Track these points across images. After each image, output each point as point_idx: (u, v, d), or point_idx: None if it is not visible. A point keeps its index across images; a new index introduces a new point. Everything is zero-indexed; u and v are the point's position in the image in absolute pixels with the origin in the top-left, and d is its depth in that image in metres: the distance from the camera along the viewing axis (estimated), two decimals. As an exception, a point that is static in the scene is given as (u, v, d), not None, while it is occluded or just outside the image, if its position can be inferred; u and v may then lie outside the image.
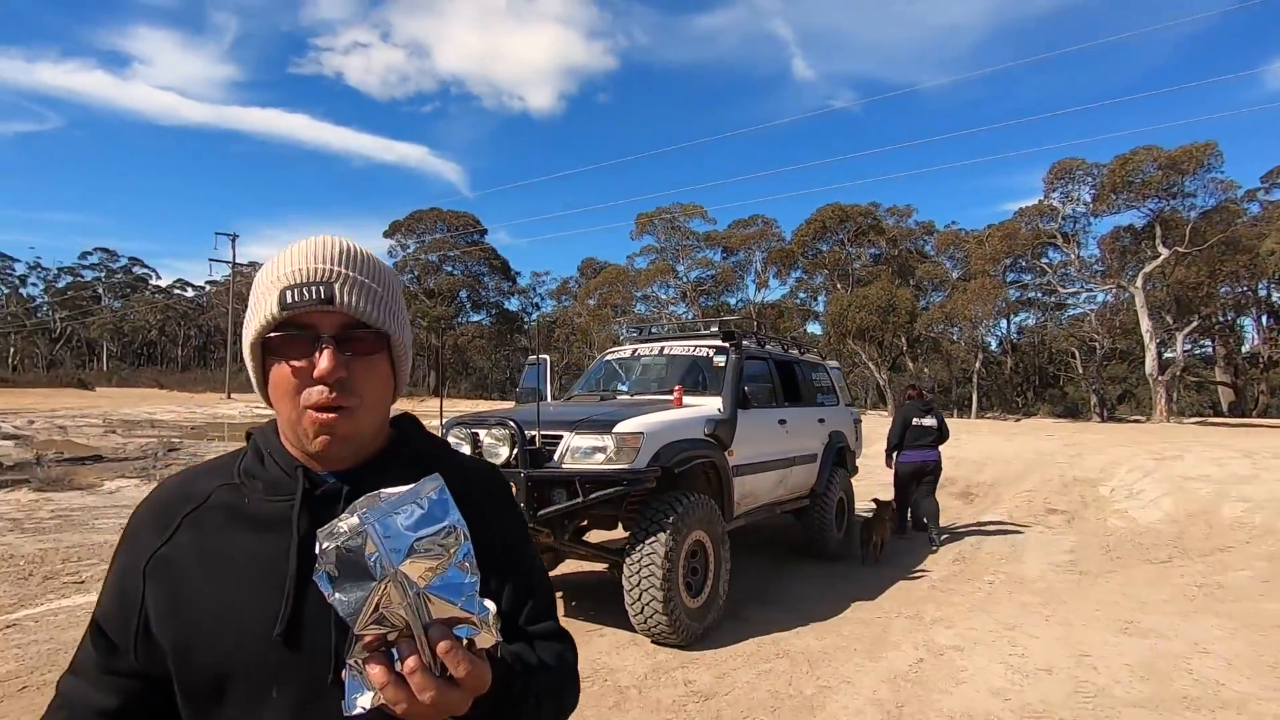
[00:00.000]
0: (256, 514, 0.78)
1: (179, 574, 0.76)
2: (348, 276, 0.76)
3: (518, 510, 0.93)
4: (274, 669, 0.72)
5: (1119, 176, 26.46)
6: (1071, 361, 37.97)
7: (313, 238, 0.80)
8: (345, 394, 0.74)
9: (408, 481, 0.83)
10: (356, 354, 0.76)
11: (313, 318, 0.74)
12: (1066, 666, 3.63)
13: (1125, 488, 11.02)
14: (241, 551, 0.76)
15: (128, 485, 11.19)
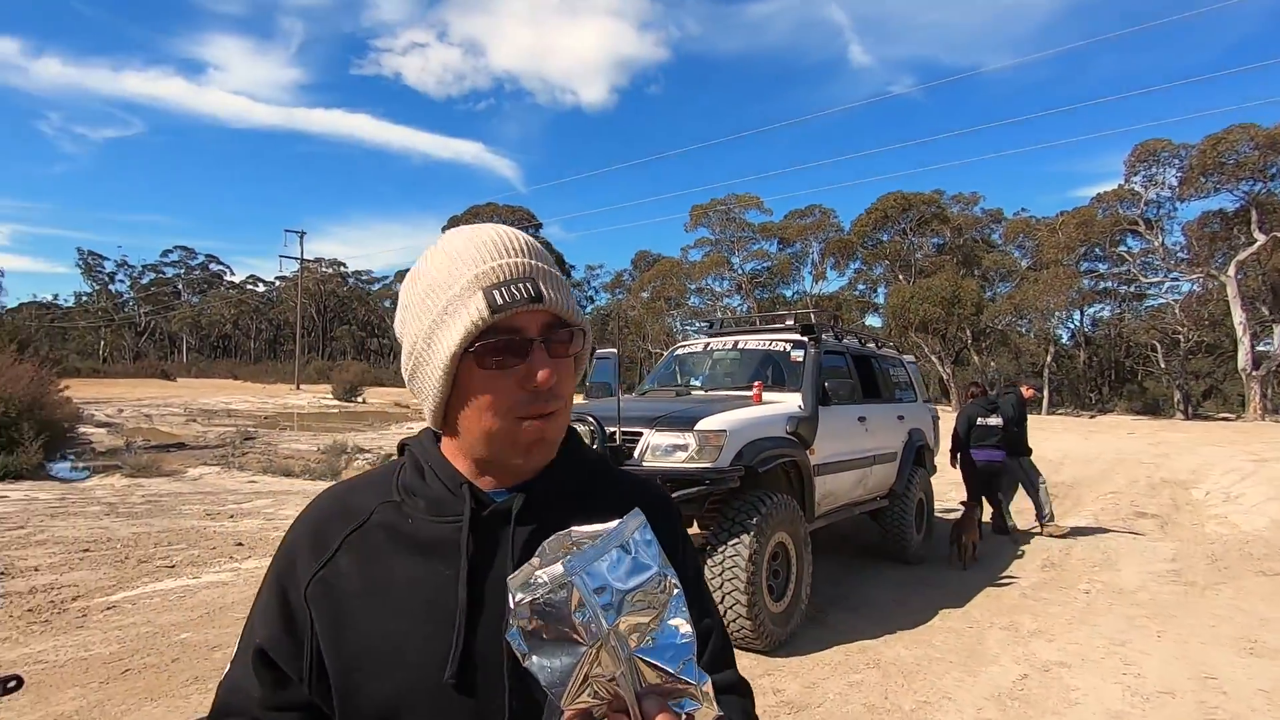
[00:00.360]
0: (420, 536, 0.71)
1: (340, 601, 0.69)
2: (544, 270, 0.69)
3: (690, 540, 0.82)
4: (443, 713, 0.65)
5: (1210, 158, 24.76)
6: (1152, 355, 35.85)
7: (486, 228, 0.72)
8: (555, 399, 0.69)
9: (575, 496, 0.75)
10: (558, 354, 0.69)
11: (520, 319, 0.67)
12: (1190, 689, 3.34)
13: (1221, 491, 10.30)
14: (406, 578, 0.69)
15: (210, 472, 11.72)
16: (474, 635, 0.66)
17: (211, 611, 4.60)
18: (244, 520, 7.77)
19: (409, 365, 0.71)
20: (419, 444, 0.77)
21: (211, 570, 5.72)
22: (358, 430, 20.11)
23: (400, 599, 0.68)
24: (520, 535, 0.70)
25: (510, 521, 0.70)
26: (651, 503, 0.80)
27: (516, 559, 0.67)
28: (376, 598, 0.68)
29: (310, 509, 0.77)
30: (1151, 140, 27.30)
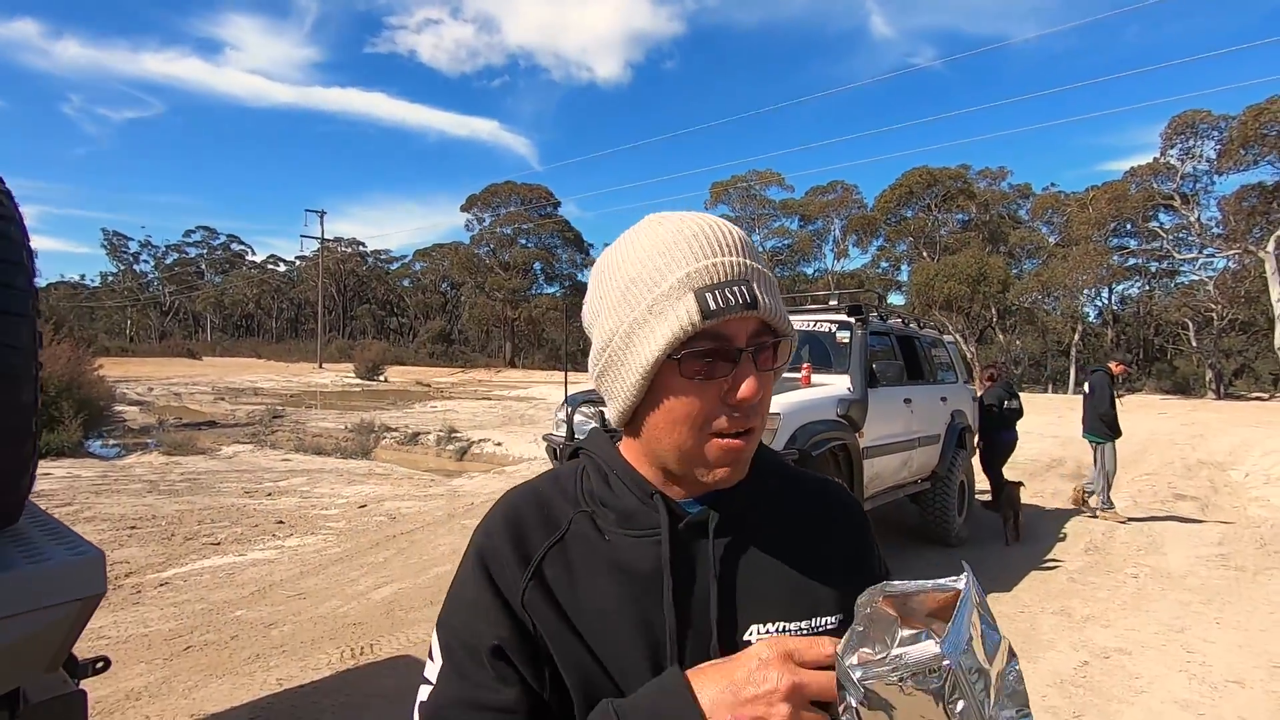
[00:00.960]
0: (618, 553, 0.66)
1: (557, 618, 0.64)
2: (759, 271, 0.63)
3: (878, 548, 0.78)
4: None
5: (1251, 129, 23.91)
6: (1183, 334, 35.11)
7: (694, 218, 0.64)
8: (755, 415, 0.64)
9: (769, 505, 0.71)
10: (764, 366, 0.63)
11: (730, 326, 0.61)
12: (1260, 679, 3.27)
13: (1262, 472, 10.10)
14: (613, 599, 0.64)
15: (243, 450, 11.90)
16: (684, 662, 0.61)
17: (262, 589, 4.68)
18: (281, 498, 7.89)
19: (600, 361, 0.66)
20: (599, 447, 0.73)
21: (256, 548, 5.81)
22: (381, 409, 20.31)
23: (610, 622, 0.64)
24: (718, 549, 0.66)
25: (708, 535, 0.66)
26: (844, 506, 0.77)
27: (718, 575, 0.65)
28: (588, 619, 0.64)
29: (507, 512, 0.69)
30: (1190, 111, 26.41)
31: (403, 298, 68.99)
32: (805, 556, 0.70)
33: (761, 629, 0.65)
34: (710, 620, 0.64)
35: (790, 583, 0.68)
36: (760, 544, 0.69)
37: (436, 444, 13.20)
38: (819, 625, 0.67)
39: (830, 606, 0.68)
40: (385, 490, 8.47)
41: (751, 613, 0.66)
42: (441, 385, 34.10)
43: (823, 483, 0.79)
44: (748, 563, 0.67)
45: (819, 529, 0.73)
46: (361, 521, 6.80)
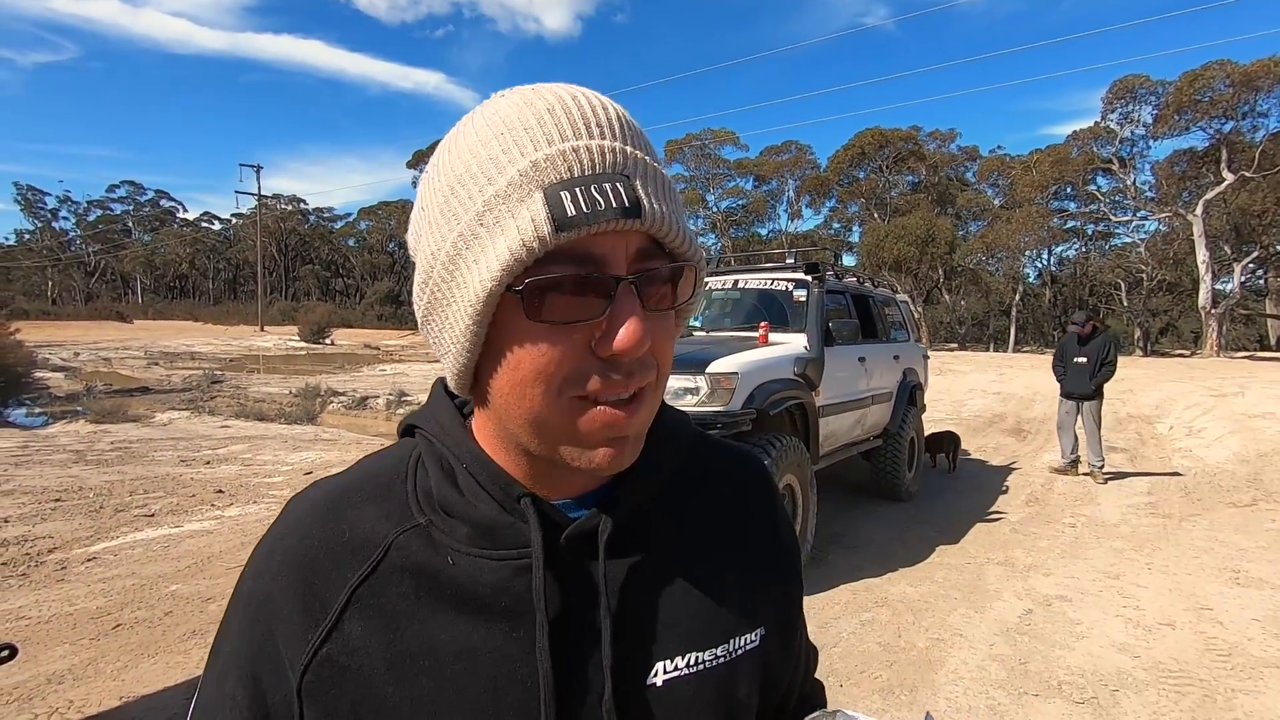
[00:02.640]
0: (467, 585, 0.46)
1: (357, 695, 0.44)
2: (644, 163, 0.43)
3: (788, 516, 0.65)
4: None
5: (1186, 95, 24.70)
6: (1115, 294, 36.70)
7: (553, 88, 0.44)
8: (644, 373, 0.44)
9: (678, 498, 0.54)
10: (657, 303, 0.44)
11: (601, 242, 0.41)
12: (1189, 621, 3.44)
13: (1184, 425, 10.67)
14: (455, 650, 0.45)
15: (179, 417, 11.37)
16: (565, 709, 0.45)
17: (199, 562, 4.46)
18: (221, 466, 7.56)
19: (422, 300, 0.45)
20: (439, 427, 0.51)
21: (194, 519, 5.55)
22: (328, 373, 19.69)
23: (451, 682, 0.45)
24: (613, 571, 0.48)
25: (598, 553, 0.48)
26: (759, 484, 0.61)
27: (612, 606, 0.47)
28: (413, 683, 0.45)
29: (286, 536, 0.49)
30: (1130, 76, 27.09)
31: (348, 258, 66.60)
32: (721, 563, 0.54)
33: (669, 665, 0.49)
34: (603, 668, 0.46)
35: (704, 602, 0.51)
36: (667, 555, 0.51)
37: (387, 408, 12.86)
38: (736, 648, 0.52)
39: (748, 623, 0.53)
40: (333, 456, 8.20)
41: (658, 648, 0.49)
42: (391, 348, 33.27)
43: (735, 456, 0.62)
44: (650, 583, 0.50)
45: (735, 522, 0.56)
46: (307, 489, 6.57)
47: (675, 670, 0.49)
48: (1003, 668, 2.95)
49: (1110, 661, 3.03)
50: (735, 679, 0.52)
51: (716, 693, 0.50)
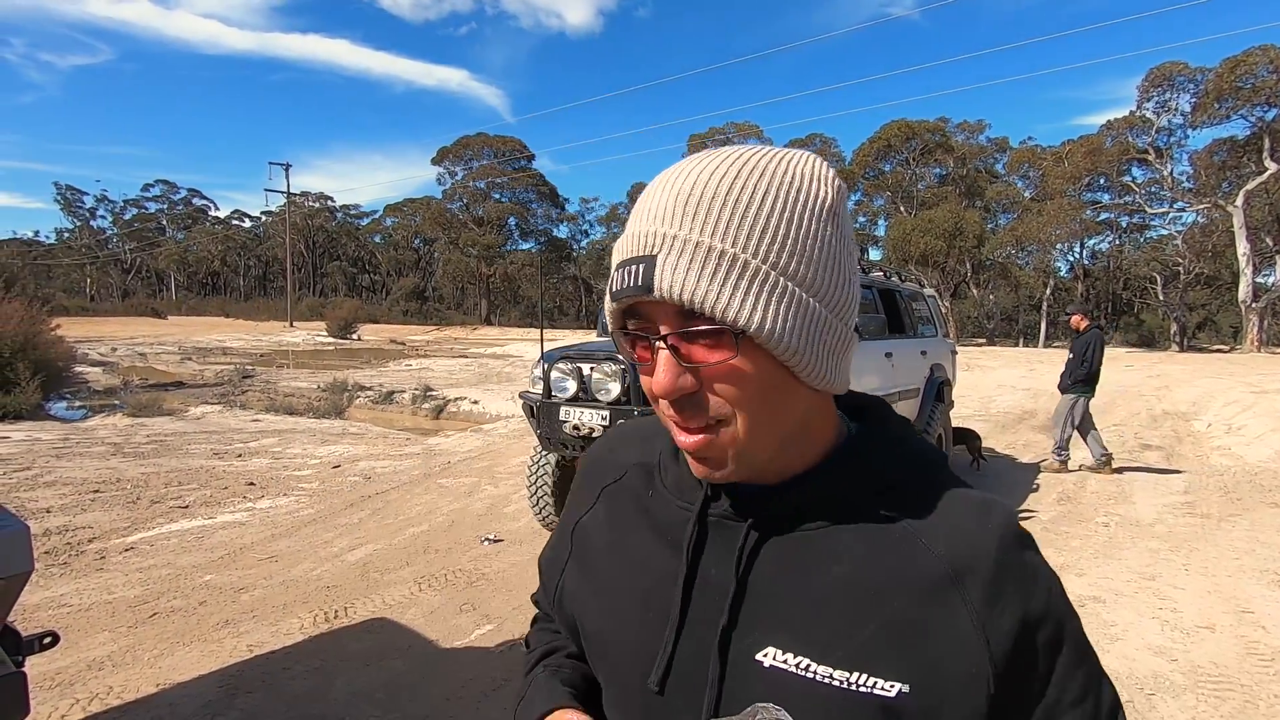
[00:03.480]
0: (658, 514, 0.63)
1: (588, 552, 0.69)
2: (678, 239, 0.49)
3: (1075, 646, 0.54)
4: (646, 712, 0.59)
5: (1226, 81, 23.93)
6: (1150, 287, 35.76)
7: (672, 169, 0.54)
8: (696, 411, 0.52)
9: (842, 515, 0.56)
10: (703, 357, 0.51)
11: (651, 308, 0.52)
12: (1229, 624, 3.34)
13: (1223, 423, 10.37)
14: (640, 554, 0.63)
15: (212, 411, 11.62)
16: (682, 641, 0.57)
17: (232, 553, 4.56)
18: (252, 459, 7.71)
19: None
20: None
21: (226, 510, 5.67)
22: (355, 368, 19.98)
23: (629, 575, 0.63)
24: (751, 542, 0.57)
25: (743, 536, 0.57)
26: (983, 568, 0.53)
27: (739, 573, 0.56)
28: (614, 564, 0.65)
29: (599, 443, 0.77)
30: (1167, 63, 26.33)
31: (374, 254, 67.43)
32: (861, 601, 0.53)
33: (779, 654, 0.53)
34: (723, 613, 0.55)
35: (834, 620, 0.53)
36: (807, 559, 0.55)
37: (412, 402, 13.02)
38: (864, 684, 0.51)
39: (889, 673, 0.51)
40: (360, 450, 8.32)
41: (774, 634, 0.54)
42: (416, 343, 33.66)
43: (967, 515, 0.55)
44: (783, 572, 0.56)
45: (895, 574, 0.54)
46: (335, 482, 6.67)
47: (783, 662, 0.53)
48: (1034, 669, 2.90)
49: (1146, 664, 2.96)
50: (856, 713, 0.51)
51: (824, 707, 0.51)
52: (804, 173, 0.53)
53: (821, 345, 0.52)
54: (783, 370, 0.52)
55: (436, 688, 2.79)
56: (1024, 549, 0.54)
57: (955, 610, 0.52)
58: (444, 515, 5.44)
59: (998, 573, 0.52)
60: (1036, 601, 0.52)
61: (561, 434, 3.74)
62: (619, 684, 0.62)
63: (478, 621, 3.43)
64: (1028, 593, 0.52)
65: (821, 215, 0.52)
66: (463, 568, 4.21)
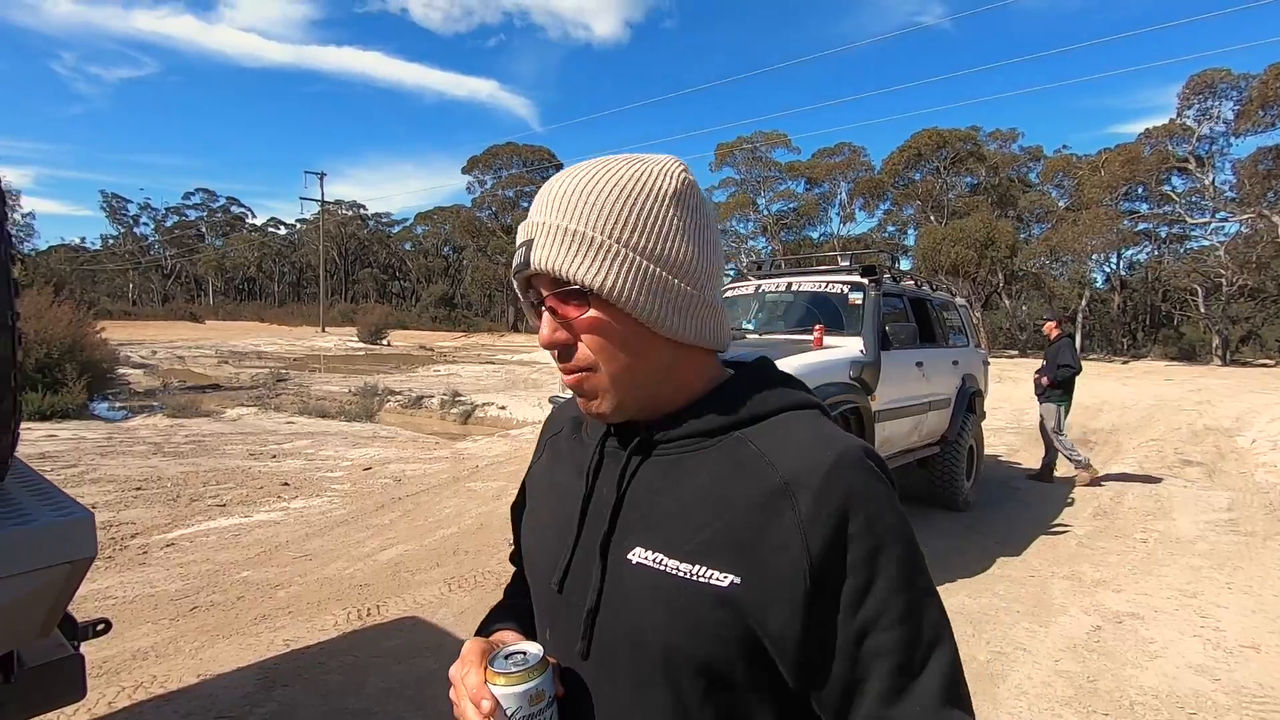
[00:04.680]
0: (577, 453, 0.77)
1: (532, 493, 0.84)
2: (547, 226, 0.65)
3: (889, 550, 0.60)
4: (551, 609, 0.73)
5: (1271, 88, 23.30)
6: (1190, 300, 34.71)
7: (563, 172, 0.69)
8: (571, 359, 0.67)
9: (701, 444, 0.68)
10: (569, 314, 0.66)
11: (535, 281, 0.68)
12: (1276, 644, 3.24)
13: (1268, 439, 10.03)
14: (561, 486, 0.77)
15: (247, 413, 11.89)
16: (578, 548, 0.70)
17: (268, 550, 4.67)
18: (287, 461, 7.88)
19: None
20: None
21: (262, 510, 5.80)
22: (385, 373, 20.29)
23: (554, 503, 0.77)
24: (632, 466, 0.70)
25: (625, 459, 0.70)
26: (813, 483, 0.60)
27: (622, 492, 0.69)
28: (547, 498, 0.79)
29: (552, 410, 0.92)
30: (1209, 70, 25.72)
31: (404, 261, 68.51)
32: (711, 505, 0.63)
33: (644, 553, 0.65)
34: (605, 520, 0.68)
35: (686, 523, 0.64)
36: (675, 476, 0.67)
37: (440, 407, 13.18)
38: (702, 574, 0.61)
39: (723, 564, 0.61)
40: (390, 453, 8.46)
41: (641, 536, 0.66)
42: (444, 349, 34.06)
43: (777, 451, 0.64)
44: (654, 488, 0.67)
45: (740, 485, 0.63)
46: (366, 484, 6.79)
47: (644, 558, 0.64)
48: (1070, 685, 2.83)
49: (1187, 683, 2.88)
50: (697, 601, 0.61)
51: (672, 596, 0.62)
52: (650, 170, 0.66)
53: (665, 302, 0.65)
54: (638, 325, 0.65)
55: (467, 686, 2.83)
56: (860, 473, 0.61)
57: (784, 516, 0.60)
58: (473, 518, 5.50)
59: (825, 488, 0.60)
60: (860, 518, 0.59)
61: (591, 438, 3.78)
62: (538, 590, 0.76)
63: (506, 623, 3.47)
64: (852, 508, 0.59)
65: (663, 200, 0.65)
66: (491, 570, 4.26)
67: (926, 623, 0.60)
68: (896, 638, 0.59)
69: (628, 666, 0.65)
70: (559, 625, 0.71)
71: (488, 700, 0.62)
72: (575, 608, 0.68)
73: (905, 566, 0.60)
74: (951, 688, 0.60)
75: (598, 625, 0.67)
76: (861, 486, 0.60)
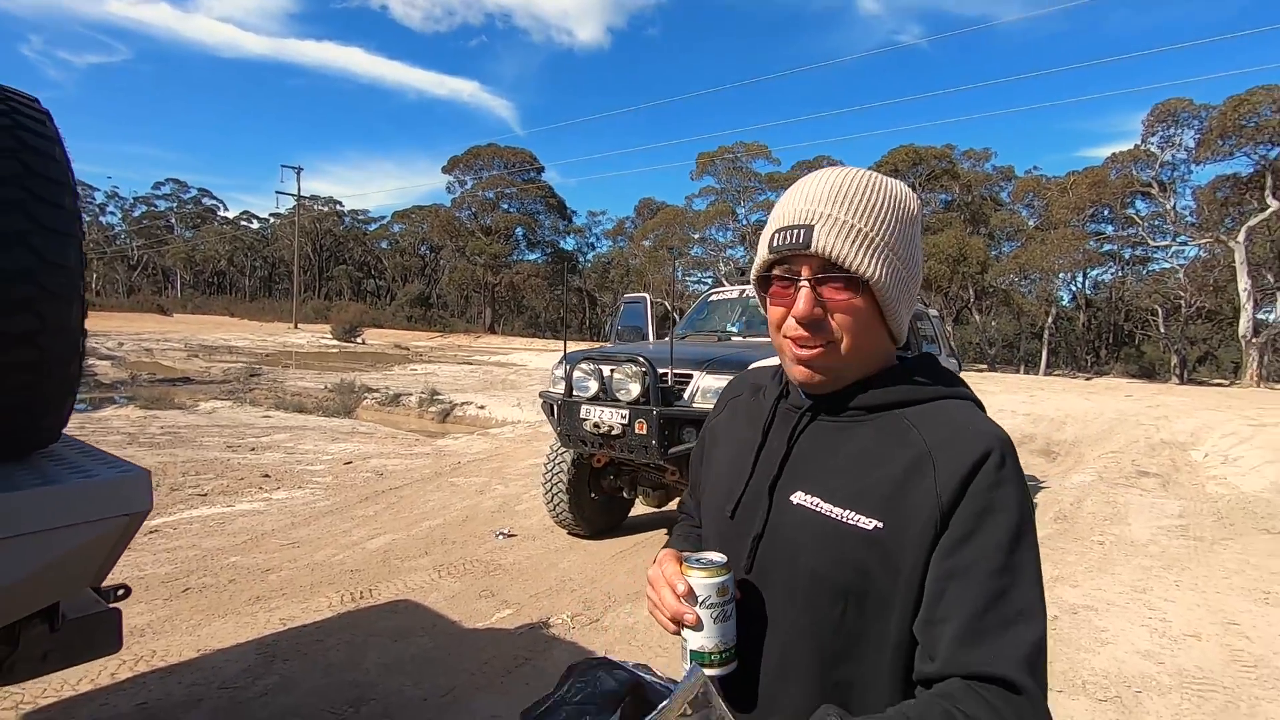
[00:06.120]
0: (755, 412, 0.94)
1: (714, 441, 1.00)
2: (829, 217, 0.77)
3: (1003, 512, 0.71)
4: (722, 534, 0.88)
5: (1230, 119, 24.28)
6: (1151, 320, 35.94)
7: (813, 174, 0.81)
8: (818, 333, 0.79)
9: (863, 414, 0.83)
10: (833, 296, 0.78)
11: (797, 260, 0.79)
12: (1215, 634, 3.49)
13: (1220, 453, 10.50)
14: (739, 437, 0.93)
15: (222, 406, 11.77)
16: (750, 486, 0.86)
17: (254, 537, 4.71)
18: (265, 453, 7.87)
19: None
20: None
21: (244, 500, 5.82)
22: (361, 370, 20.14)
23: (733, 449, 0.93)
24: (807, 432, 0.85)
25: (801, 416, 0.86)
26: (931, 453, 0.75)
27: (789, 446, 0.85)
28: (727, 445, 0.95)
29: (732, 381, 1.08)
30: (1172, 100, 26.73)
31: (380, 259, 67.80)
32: (865, 466, 0.78)
33: (804, 496, 0.80)
34: (775, 467, 0.84)
35: (842, 476, 0.79)
36: (835, 440, 0.83)
37: (419, 405, 13.17)
38: (850, 518, 0.76)
39: (869, 511, 0.74)
40: (370, 448, 8.48)
41: (803, 483, 0.81)
42: (420, 349, 33.82)
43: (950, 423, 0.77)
44: (818, 446, 0.83)
45: (892, 452, 0.77)
46: (349, 477, 6.82)
47: (804, 500, 0.80)
48: (1028, 666, 3.04)
49: (1134, 666, 3.11)
50: (843, 538, 0.76)
51: (823, 533, 0.78)
52: (902, 189, 0.81)
53: (904, 301, 0.81)
54: (877, 314, 0.80)
55: (463, 663, 2.94)
56: (994, 452, 0.73)
57: (925, 477, 0.74)
58: (458, 510, 5.59)
59: (960, 457, 0.73)
60: (982, 485, 0.71)
61: (581, 431, 3.91)
62: (711, 516, 0.93)
63: (497, 606, 3.59)
64: (978, 476, 0.72)
65: (911, 217, 0.81)
66: (479, 558, 4.37)
67: (1018, 589, 0.68)
68: (985, 588, 0.67)
69: (780, 584, 0.80)
70: (728, 548, 0.83)
71: (683, 584, 0.76)
72: (743, 535, 0.84)
73: (1011, 534, 0.69)
74: (1032, 659, 0.66)
75: (760, 549, 0.82)
76: (990, 461, 0.72)
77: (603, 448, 3.87)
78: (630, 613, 3.59)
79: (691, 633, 0.76)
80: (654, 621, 3.20)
